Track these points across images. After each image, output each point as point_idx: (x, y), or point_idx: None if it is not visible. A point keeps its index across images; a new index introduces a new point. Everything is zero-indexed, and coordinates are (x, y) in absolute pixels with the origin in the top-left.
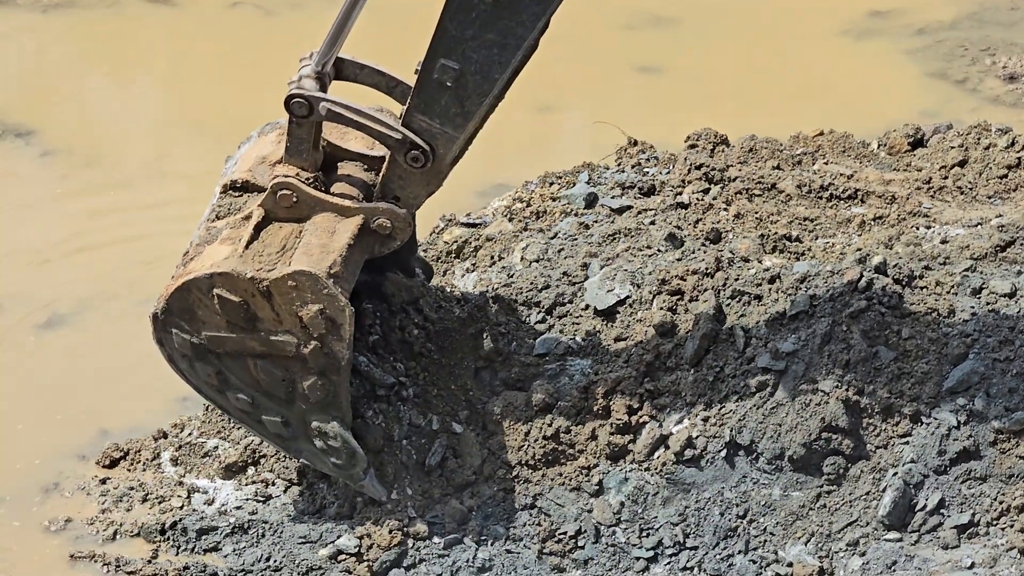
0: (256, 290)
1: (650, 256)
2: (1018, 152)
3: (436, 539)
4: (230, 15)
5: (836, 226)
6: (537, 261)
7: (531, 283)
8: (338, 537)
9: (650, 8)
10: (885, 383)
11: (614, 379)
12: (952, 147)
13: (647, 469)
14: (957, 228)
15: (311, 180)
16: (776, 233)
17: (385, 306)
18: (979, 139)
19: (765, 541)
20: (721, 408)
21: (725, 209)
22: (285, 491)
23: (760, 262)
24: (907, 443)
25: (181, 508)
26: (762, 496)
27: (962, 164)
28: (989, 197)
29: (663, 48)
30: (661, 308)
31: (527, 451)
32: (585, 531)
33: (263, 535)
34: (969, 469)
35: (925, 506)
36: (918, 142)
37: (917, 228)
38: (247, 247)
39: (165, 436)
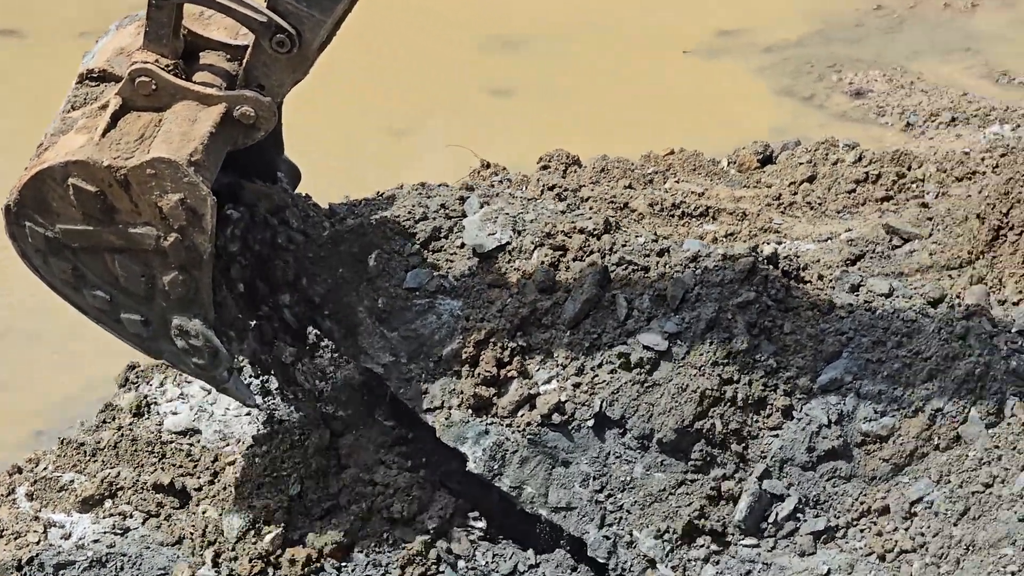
0: (113, 179)
1: (530, 201)
2: (865, 167)
3: None
4: (79, 45)
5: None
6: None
7: (409, 212)
8: (199, 567)
9: (500, 32)
10: (762, 376)
11: (487, 331)
12: (801, 163)
13: (510, 426)
14: (808, 243)
15: (171, 67)
16: None
17: (248, 215)
18: (827, 155)
19: (620, 519)
20: (594, 377)
21: None
22: (143, 523)
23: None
24: (777, 436)
25: (38, 543)
26: (623, 472)
27: (811, 180)
28: (838, 212)
29: (514, 71)
30: (543, 261)
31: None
32: (445, 559)
33: (121, 568)
34: (835, 467)
35: (782, 510)
36: (767, 159)
37: (768, 244)
38: (104, 136)
39: (20, 471)
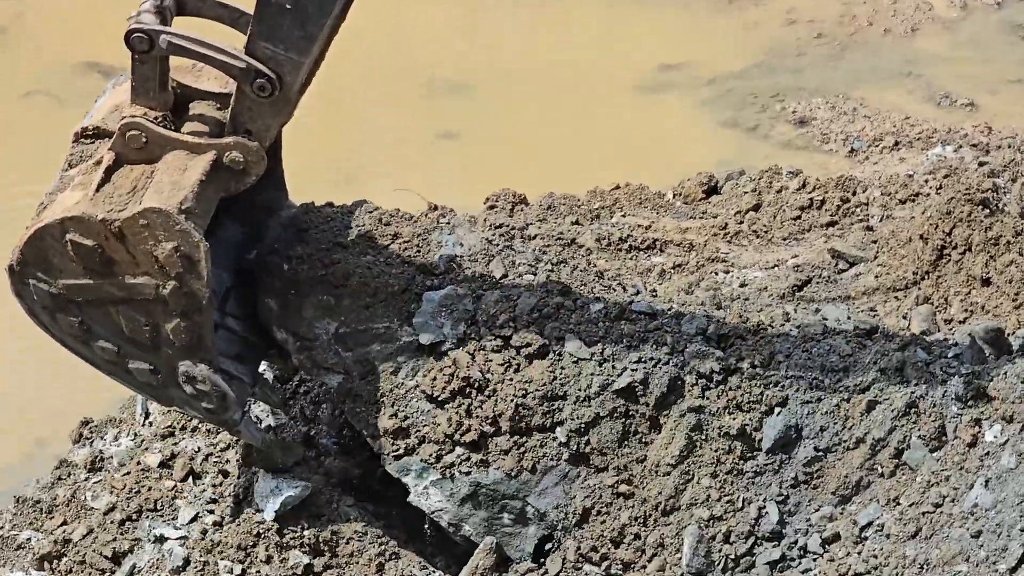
0: (109, 232)
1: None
2: (809, 193)
3: None
4: (23, 105)
5: (637, 276)
6: None
7: None
8: None
9: (445, 75)
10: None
11: None
12: (745, 192)
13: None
14: (755, 271)
15: (160, 119)
16: None
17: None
18: (771, 183)
19: None
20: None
21: None
22: None
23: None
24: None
25: None
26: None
27: (756, 208)
28: (784, 239)
29: (460, 114)
30: None
31: None
32: None
33: None
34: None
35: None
36: (712, 189)
37: (716, 273)
38: (98, 190)
39: None
